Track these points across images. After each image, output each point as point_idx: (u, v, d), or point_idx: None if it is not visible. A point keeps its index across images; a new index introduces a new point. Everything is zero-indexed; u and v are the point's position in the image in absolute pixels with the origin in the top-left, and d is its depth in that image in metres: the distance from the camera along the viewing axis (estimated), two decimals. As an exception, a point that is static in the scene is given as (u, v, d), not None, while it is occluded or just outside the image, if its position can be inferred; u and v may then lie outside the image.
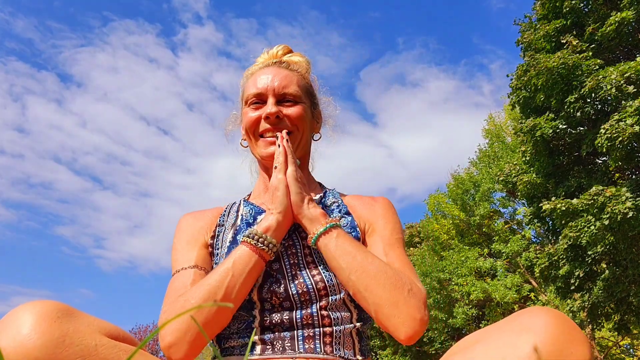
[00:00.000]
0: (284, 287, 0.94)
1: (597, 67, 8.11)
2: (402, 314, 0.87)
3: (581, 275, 8.67)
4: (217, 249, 1.05)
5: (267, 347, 0.92)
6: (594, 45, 8.66)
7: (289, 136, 1.08)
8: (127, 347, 0.77)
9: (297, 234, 1.03)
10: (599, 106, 8.32)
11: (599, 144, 7.50)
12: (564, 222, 8.18)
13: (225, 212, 1.13)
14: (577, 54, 8.32)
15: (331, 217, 1.01)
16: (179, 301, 0.90)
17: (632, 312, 8.84)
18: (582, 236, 7.87)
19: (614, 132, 7.24)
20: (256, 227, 0.97)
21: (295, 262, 0.98)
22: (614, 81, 7.49)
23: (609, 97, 7.70)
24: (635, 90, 7.45)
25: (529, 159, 9.53)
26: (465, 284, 14.59)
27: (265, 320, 0.93)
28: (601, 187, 7.52)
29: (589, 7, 9.14)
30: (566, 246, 8.47)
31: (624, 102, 7.54)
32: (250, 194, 1.19)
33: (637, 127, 7.06)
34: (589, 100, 8.18)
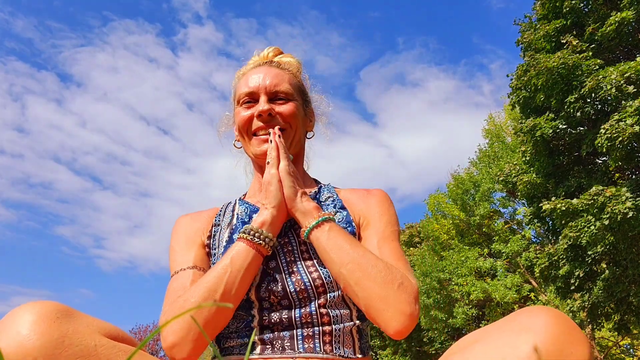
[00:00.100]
0: (281, 285, 0.94)
1: (597, 67, 8.11)
2: (392, 308, 0.86)
3: (581, 275, 8.67)
4: (214, 248, 1.05)
5: (267, 347, 0.92)
6: (594, 45, 8.66)
7: (282, 133, 1.08)
8: (126, 348, 0.77)
9: (293, 230, 1.03)
10: (599, 106, 8.32)
11: (599, 144, 7.50)
12: (564, 222, 8.18)
13: (221, 212, 1.13)
14: (577, 54, 8.32)
15: (325, 212, 1.00)
16: (179, 301, 0.90)
17: (632, 312, 8.84)
18: (582, 236, 7.86)
19: (614, 132, 7.24)
20: (252, 222, 0.97)
21: (291, 259, 0.98)
22: (614, 81, 7.49)
23: (609, 97, 7.70)
24: (635, 90, 7.45)
25: (529, 159, 9.53)
26: (465, 284, 14.58)
27: (264, 319, 0.93)
28: (601, 187, 7.52)
29: (589, 7, 9.13)
30: (566, 246, 8.47)
31: (624, 102, 7.53)
32: (245, 194, 1.20)
33: (637, 127, 7.06)
34: (589, 100, 8.17)
